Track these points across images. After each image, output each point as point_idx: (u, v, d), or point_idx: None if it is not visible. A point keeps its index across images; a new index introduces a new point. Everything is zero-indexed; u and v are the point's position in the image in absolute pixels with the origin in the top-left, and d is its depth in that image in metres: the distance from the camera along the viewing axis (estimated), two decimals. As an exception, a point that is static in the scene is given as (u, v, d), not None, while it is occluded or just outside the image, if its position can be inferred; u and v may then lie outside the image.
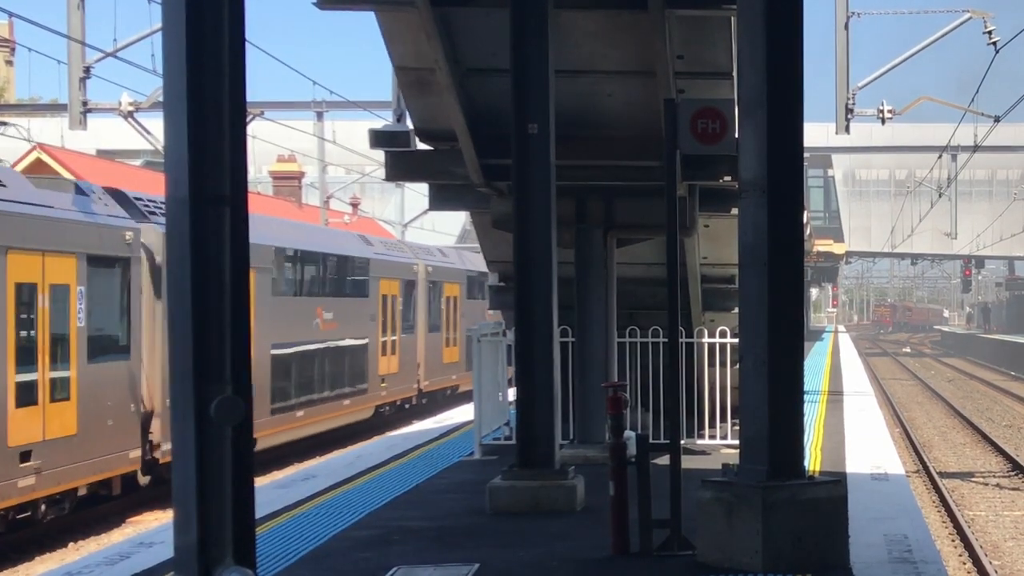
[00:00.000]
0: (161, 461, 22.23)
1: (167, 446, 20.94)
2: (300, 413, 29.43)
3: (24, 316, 18.64)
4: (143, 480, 22.31)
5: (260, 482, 14.54)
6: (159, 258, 22.04)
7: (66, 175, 29.02)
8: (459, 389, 42.07)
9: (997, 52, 27.18)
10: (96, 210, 20.96)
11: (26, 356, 18.49)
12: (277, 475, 23.58)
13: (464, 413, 22.90)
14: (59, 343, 19.49)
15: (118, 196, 22.34)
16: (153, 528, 15.28)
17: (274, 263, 28.22)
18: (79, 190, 21.09)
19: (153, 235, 22.09)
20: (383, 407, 36.16)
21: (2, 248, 18.10)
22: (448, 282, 42.78)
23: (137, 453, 21.85)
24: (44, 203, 19.32)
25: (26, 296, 18.66)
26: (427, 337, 40.06)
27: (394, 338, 36.85)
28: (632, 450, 10.86)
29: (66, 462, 19.61)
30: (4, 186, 18.69)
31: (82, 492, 20.55)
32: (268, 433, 26.39)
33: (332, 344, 31.82)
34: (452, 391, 42.62)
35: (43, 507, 19.49)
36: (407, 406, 38.29)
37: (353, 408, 33.30)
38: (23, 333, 18.52)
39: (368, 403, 34.53)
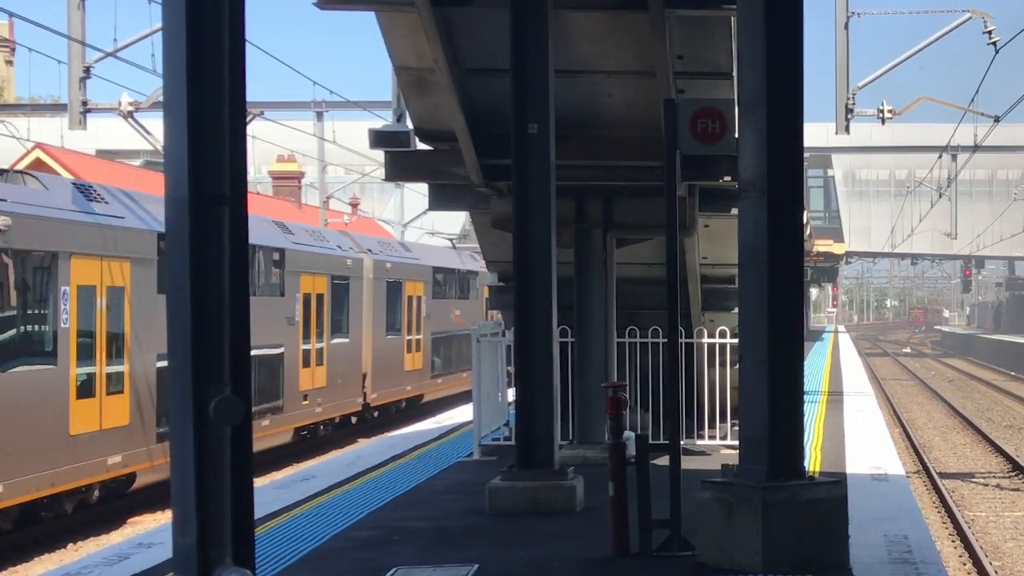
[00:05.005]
0: (372, 404, 34.24)
1: (374, 395, 34.27)
2: None
3: (308, 314, 30.03)
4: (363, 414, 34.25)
5: (259, 482, 14.57)
6: (371, 276, 34.18)
7: (65, 175, 29.05)
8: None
9: (997, 52, 27.19)
10: (343, 245, 33.18)
11: (306, 335, 29.85)
12: (276, 475, 23.58)
13: (464, 413, 22.89)
14: (317, 330, 30.59)
15: (352, 239, 34.60)
16: (152, 528, 15.28)
17: None
18: (339, 237, 33.80)
19: (368, 262, 34.10)
20: None
21: (296, 272, 29.19)
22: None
23: (360, 399, 33.49)
24: (323, 244, 31.62)
25: (312, 301, 30.08)
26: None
27: None
28: (632, 450, 10.86)
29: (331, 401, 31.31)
30: (291, 233, 29.77)
31: (335, 419, 31.96)
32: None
33: None
34: None
35: (321, 427, 31.15)
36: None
37: None
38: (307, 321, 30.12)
39: None
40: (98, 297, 20.51)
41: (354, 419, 33.66)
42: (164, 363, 21.67)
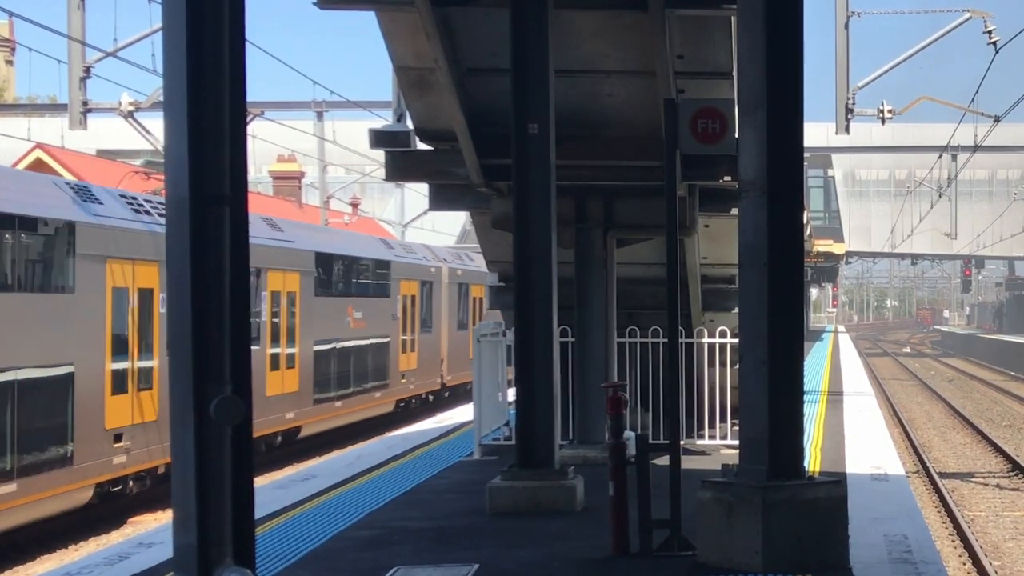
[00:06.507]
0: (447, 385, 40.62)
1: (449, 377, 40.73)
2: None
3: (405, 311, 36.95)
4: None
5: (260, 482, 14.58)
6: (446, 281, 40.91)
7: (66, 175, 29.07)
8: None
9: (997, 52, 27.20)
10: (427, 256, 40.16)
11: (404, 328, 36.80)
12: (277, 475, 23.58)
13: (464, 413, 22.89)
14: (411, 324, 37.70)
15: (431, 250, 41.56)
16: (153, 528, 15.28)
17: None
18: (423, 249, 40.78)
19: (445, 269, 41.01)
20: None
21: (398, 279, 36.23)
22: None
23: (439, 380, 40.23)
24: (414, 256, 38.60)
25: (408, 301, 37.05)
26: None
27: None
28: (632, 450, 10.86)
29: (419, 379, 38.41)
30: (392, 248, 37.33)
31: (422, 395, 38.82)
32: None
33: None
34: None
35: (412, 401, 37.79)
36: None
37: None
38: (405, 319, 37.28)
39: None
40: (282, 299, 28.13)
41: (431, 397, 39.89)
42: (320, 347, 30.16)
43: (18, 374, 18.35)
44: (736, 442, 12.28)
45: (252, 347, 25.01)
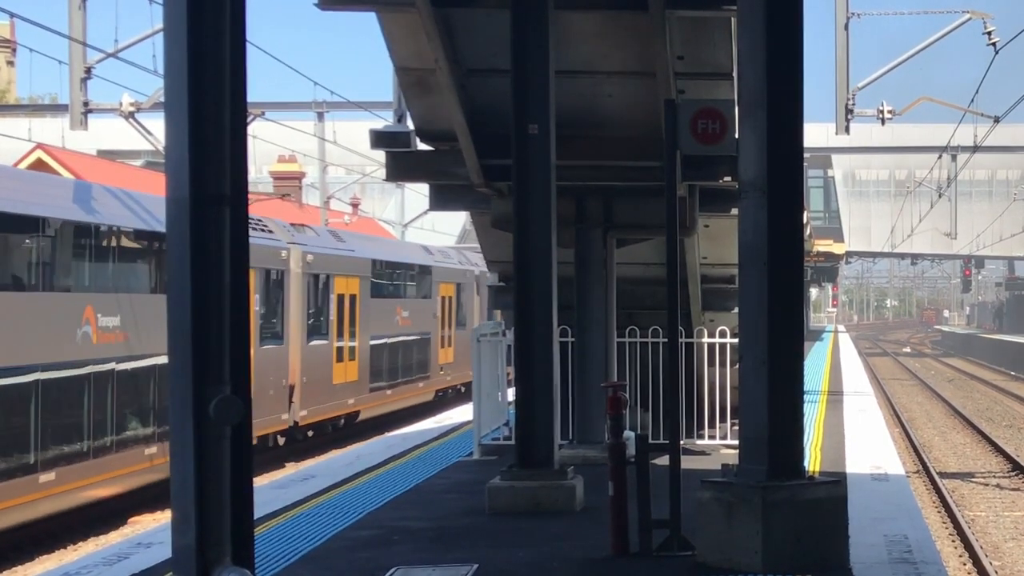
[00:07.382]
0: None
1: None
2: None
3: (443, 310, 41.00)
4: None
5: (259, 482, 14.57)
6: (476, 283, 43.84)
7: (66, 175, 29.08)
8: None
9: (997, 53, 27.20)
10: (461, 260, 43.54)
11: (442, 325, 40.73)
12: (276, 475, 23.58)
13: (463, 413, 22.89)
14: (448, 322, 41.42)
15: (463, 254, 44.70)
16: (152, 528, 15.27)
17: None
18: (456, 253, 44.46)
19: (476, 272, 43.52)
20: None
21: (437, 282, 40.06)
22: None
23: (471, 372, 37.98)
24: (450, 260, 42.07)
25: (446, 302, 41.18)
26: None
27: None
28: (631, 450, 10.86)
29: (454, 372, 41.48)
30: (432, 254, 40.62)
31: (457, 386, 41.36)
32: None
33: None
34: None
35: (449, 391, 41.10)
36: None
37: None
38: (445, 317, 41.24)
39: None
40: (345, 301, 31.71)
41: (463, 388, 40.98)
42: (374, 342, 34.53)
43: (157, 360, 21.94)
44: (736, 442, 12.28)
45: (322, 341, 27.65)
